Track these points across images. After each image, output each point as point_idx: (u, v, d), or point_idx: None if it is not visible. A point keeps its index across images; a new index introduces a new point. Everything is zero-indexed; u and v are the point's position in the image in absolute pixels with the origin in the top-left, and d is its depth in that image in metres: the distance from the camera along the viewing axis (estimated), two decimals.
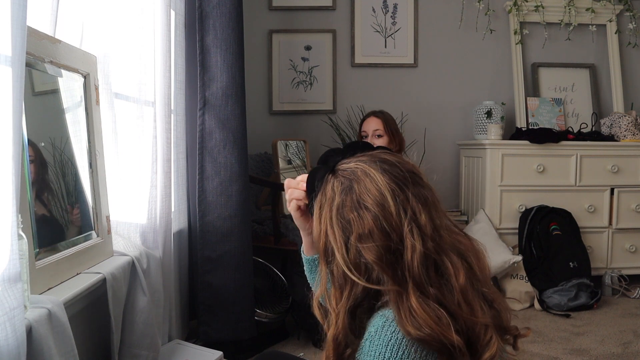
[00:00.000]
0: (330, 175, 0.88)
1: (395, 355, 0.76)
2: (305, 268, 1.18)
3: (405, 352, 0.76)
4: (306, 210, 1.02)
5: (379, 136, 2.46)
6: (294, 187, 1.00)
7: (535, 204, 3.02)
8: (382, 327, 0.78)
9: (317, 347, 2.26)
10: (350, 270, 0.82)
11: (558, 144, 3.03)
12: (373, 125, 2.49)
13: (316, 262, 1.13)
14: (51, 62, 1.23)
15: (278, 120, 3.33)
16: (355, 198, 0.83)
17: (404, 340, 0.76)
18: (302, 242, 1.13)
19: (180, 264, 2.15)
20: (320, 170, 0.90)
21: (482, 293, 0.85)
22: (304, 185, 0.96)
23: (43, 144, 1.22)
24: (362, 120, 2.59)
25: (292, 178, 1.03)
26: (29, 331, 0.91)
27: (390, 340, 0.77)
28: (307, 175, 0.97)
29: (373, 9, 3.35)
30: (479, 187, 3.13)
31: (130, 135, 1.65)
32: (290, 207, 1.02)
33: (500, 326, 0.84)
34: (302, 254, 1.16)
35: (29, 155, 1.14)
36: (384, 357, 0.76)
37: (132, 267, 1.48)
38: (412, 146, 3.25)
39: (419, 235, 0.80)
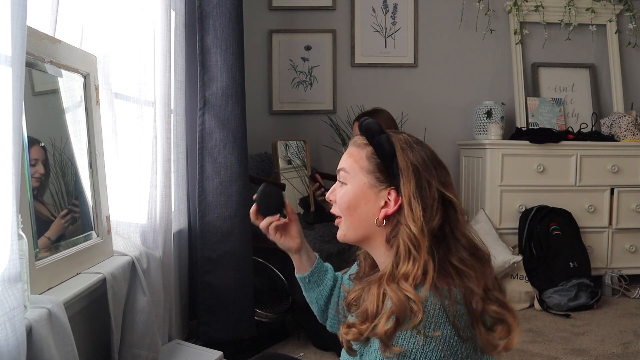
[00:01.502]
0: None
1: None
2: (302, 288, 1.23)
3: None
4: (283, 228, 1.15)
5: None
6: (256, 219, 1.15)
7: (535, 204, 3.02)
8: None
9: (317, 347, 2.26)
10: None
11: (558, 144, 3.03)
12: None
13: (312, 278, 1.19)
14: (51, 62, 1.23)
15: (278, 120, 3.33)
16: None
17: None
18: (296, 257, 1.20)
19: (180, 264, 2.15)
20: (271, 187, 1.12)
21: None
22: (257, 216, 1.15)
23: (43, 144, 1.22)
24: (354, 122, 2.48)
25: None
26: (29, 331, 0.91)
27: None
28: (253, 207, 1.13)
29: (373, 9, 3.35)
30: (479, 187, 3.13)
31: (130, 135, 1.65)
32: (270, 235, 1.15)
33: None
34: (296, 275, 1.22)
35: (41, 158, 1.15)
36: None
37: (132, 267, 1.48)
38: None
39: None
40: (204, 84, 2.08)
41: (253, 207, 1.14)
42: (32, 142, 1.17)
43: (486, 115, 3.19)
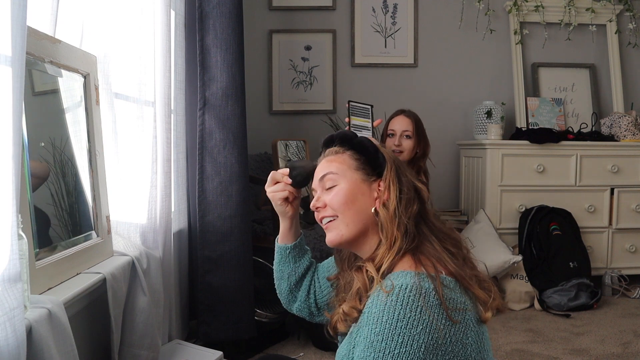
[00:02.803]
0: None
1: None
2: (276, 258, 1.24)
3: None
4: (288, 199, 1.15)
5: (408, 137, 2.26)
6: (283, 181, 1.14)
7: (535, 204, 3.02)
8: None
9: (317, 347, 2.26)
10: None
11: (558, 144, 3.03)
12: (403, 125, 2.29)
13: (293, 251, 1.21)
14: (51, 62, 1.23)
15: (278, 120, 3.33)
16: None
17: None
18: (287, 224, 1.19)
19: (180, 264, 2.15)
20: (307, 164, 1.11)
21: None
22: (288, 179, 1.13)
23: (43, 144, 1.22)
24: (391, 117, 2.40)
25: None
26: (29, 331, 0.91)
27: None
28: (286, 170, 1.14)
29: (373, 9, 3.35)
30: (479, 187, 3.13)
31: (130, 135, 1.65)
32: (277, 197, 1.14)
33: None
34: (276, 244, 1.23)
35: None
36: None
37: (132, 267, 1.48)
38: None
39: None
40: (204, 84, 2.08)
41: (284, 172, 1.15)
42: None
43: (486, 115, 3.19)
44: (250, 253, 2.18)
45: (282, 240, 1.22)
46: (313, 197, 1.07)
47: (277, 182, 1.15)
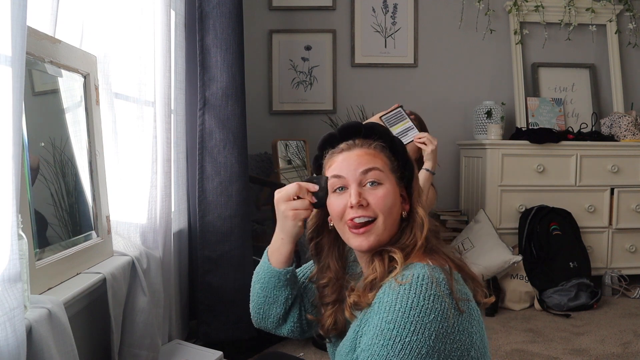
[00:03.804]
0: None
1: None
2: (268, 283, 1.08)
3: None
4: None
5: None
6: (308, 199, 1.01)
7: (535, 204, 3.02)
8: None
9: (317, 347, 2.26)
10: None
11: (558, 144, 3.03)
12: None
13: (293, 275, 1.08)
14: (51, 62, 1.23)
15: (278, 120, 3.33)
16: None
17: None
18: (292, 247, 1.06)
19: (180, 264, 2.15)
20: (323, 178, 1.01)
21: None
22: (313, 197, 1.01)
23: (43, 144, 1.22)
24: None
25: (302, 183, 1.02)
26: (29, 331, 0.91)
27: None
28: (314, 186, 1.01)
29: (373, 9, 3.35)
30: (479, 187, 3.13)
31: (130, 135, 1.65)
32: (301, 216, 1.01)
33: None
34: (268, 267, 1.09)
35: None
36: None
37: (132, 267, 1.48)
38: None
39: None
40: (204, 84, 2.08)
41: (312, 188, 1.01)
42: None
43: (486, 115, 3.19)
44: (250, 253, 2.18)
45: (282, 264, 1.07)
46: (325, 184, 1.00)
47: (298, 197, 1.01)
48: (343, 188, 0.97)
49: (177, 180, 2.15)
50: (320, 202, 1.00)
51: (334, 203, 0.97)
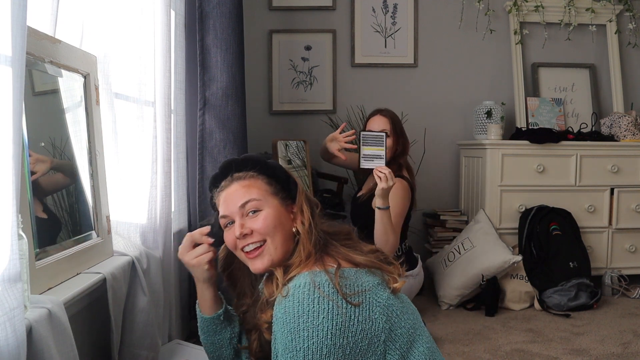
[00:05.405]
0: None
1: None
2: (207, 331, 1.16)
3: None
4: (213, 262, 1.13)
5: (387, 136, 2.22)
6: (204, 242, 1.13)
7: (535, 204, 3.02)
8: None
9: None
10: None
11: (558, 144, 3.03)
12: (380, 124, 2.34)
13: (227, 314, 1.16)
14: (51, 62, 1.23)
15: (278, 120, 3.33)
16: None
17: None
18: (212, 290, 1.15)
19: (180, 264, 2.13)
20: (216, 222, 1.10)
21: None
22: (209, 239, 1.12)
23: (43, 144, 1.22)
24: (368, 118, 2.45)
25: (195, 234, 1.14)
26: (29, 331, 0.91)
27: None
28: (206, 228, 1.12)
29: (373, 9, 3.35)
30: (479, 187, 3.13)
31: (130, 135, 1.65)
32: (204, 260, 1.11)
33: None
34: (202, 316, 1.16)
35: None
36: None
37: (132, 267, 1.48)
38: (412, 146, 3.24)
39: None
40: (204, 84, 2.08)
41: (205, 231, 1.13)
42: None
43: (486, 115, 3.19)
44: None
45: (210, 309, 1.15)
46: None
47: (196, 245, 1.13)
48: (232, 222, 1.06)
49: (177, 180, 2.15)
50: (217, 239, 1.11)
51: (227, 238, 1.09)
